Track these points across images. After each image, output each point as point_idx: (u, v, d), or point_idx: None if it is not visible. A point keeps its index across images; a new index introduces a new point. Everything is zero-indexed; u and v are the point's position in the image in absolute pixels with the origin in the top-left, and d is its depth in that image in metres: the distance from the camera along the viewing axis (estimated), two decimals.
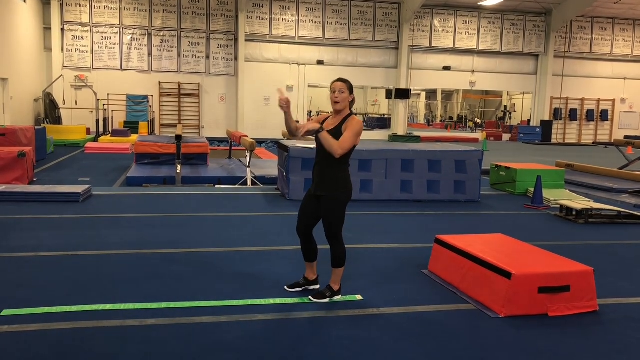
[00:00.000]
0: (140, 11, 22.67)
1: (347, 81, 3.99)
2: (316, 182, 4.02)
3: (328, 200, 3.94)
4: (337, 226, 3.99)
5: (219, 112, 23.85)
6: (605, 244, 6.27)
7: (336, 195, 3.93)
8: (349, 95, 3.94)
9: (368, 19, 24.85)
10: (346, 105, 3.95)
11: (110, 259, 5.08)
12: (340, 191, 3.94)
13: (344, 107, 3.95)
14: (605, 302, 4.24)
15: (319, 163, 4.00)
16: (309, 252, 4.18)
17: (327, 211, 3.96)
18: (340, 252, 4.03)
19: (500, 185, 10.04)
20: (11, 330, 3.44)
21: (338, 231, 4.00)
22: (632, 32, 27.81)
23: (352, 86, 3.99)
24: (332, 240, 4.02)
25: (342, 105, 3.93)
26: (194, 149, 12.12)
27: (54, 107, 21.08)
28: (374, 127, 30.17)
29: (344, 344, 3.41)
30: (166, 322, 3.64)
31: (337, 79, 3.99)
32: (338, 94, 3.92)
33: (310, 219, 4.09)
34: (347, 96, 3.93)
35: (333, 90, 3.94)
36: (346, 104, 3.94)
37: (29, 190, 7.93)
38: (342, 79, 4.00)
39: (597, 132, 28.73)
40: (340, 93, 3.92)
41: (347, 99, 3.94)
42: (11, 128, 11.59)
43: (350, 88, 3.96)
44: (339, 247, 4.03)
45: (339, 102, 3.93)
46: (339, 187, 3.94)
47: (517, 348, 3.45)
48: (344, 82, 3.95)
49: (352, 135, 3.83)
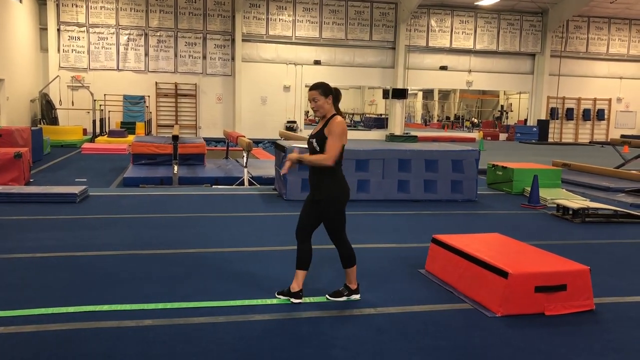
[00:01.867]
0: (137, 11, 22.62)
1: (320, 86, 3.94)
2: (312, 188, 4.04)
3: (326, 204, 3.95)
4: (340, 228, 4.00)
5: (216, 112, 23.83)
6: (602, 243, 6.29)
7: (333, 199, 3.94)
8: (324, 100, 3.93)
9: (365, 19, 24.85)
10: (327, 109, 3.95)
11: (107, 259, 5.07)
12: (336, 194, 3.95)
13: (326, 111, 3.96)
14: (602, 301, 4.25)
15: (311, 168, 4.01)
16: (302, 256, 4.03)
17: (327, 215, 3.97)
18: (347, 252, 4.05)
19: (497, 184, 10.05)
20: (7, 332, 3.44)
21: (341, 232, 4.02)
22: (628, 31, 27.89)
23: (326, 88, 3.94)
24: (337, 242, 4.04)
25: (321, 112, 3.97)
26: (191, 150, 12.10)
27: (51, 107, 21.03)
28: (371, 127, 30.17)
29: (342, 344, 3.41)
30: (163, 323, 3.64)
31: (310, 87, 3.98)
32: (313, 103, 3.95)
33: (309, 222, 4.06)
34: (323, 102, 3.92)
35: (309, 100, 3.99)
36: (325, 107, 3.94)
37: (26, 191, 7.91)
38: (314, 85, 3.96)
39: (593, 131, 28.79)
40: (315, 102, 3.93)
41: (324, 104, 3.93)
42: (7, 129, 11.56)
43: (324, 92, 3.92)
44: (346, 248, 4.04)
45: (317, 110, 3.97)
46: (335, 190, 3.95)
47: (514, 347, 3.46)
48: (315, 90, 3.93)
49: (335, 139, 3.85)
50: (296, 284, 4.05)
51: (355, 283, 4.15)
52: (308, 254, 4.04)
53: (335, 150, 3.86)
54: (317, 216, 4.02)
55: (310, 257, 4.06)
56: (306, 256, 4.04)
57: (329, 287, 4.30)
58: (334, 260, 4.83)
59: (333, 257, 4.88)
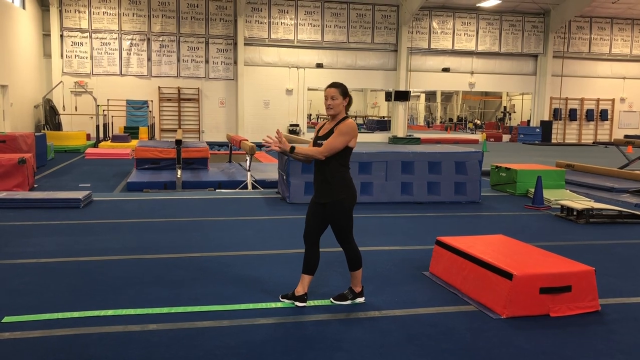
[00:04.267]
0: (139, 16, 22.71)
1: (340, 85, 3.94)
2: (317, 190, 3.99)
3: (333, 207, 3.91)
4: (347, 231, 3.97)
5: (219, 116, 23.87)
6: (607, 244, 6.27)
7: (340, 201, 3.90)
8: (342, 100, 3.91)
9: (366, 21, 24.88)
10: (340, 110, 3.93)
11: (112, 264, 5.08)
12: (343, 196, 3.90)
13: (338, 112, 3.94)
14: (607, 302, 4.24)
15: (319, 170, 3.97)
16: (309, 261, 4.02)
17: (334, 218, 3.94)
18: (354, 255, 4.02)
19: (501, 186, 10.03)
20: (13, 337, 3.44)
21: (349, 235, 3.98)
22: (631, 31, 27.84)
23: (345, 90, 3.94)
24: (344, 244, 4.01)
25: (335, 111, 3.93)
26: (194, 154, 12.12)
27: (54, 113, 21.11)
28: (373, 129, 30.18)
29: (347, 347, 3.41)
30: (168, 327, 3.64)
31: (329, 85, 3.96)
32: (330, 100, 3.91)
33: (316, 226, 4.02)
34: (341, 102, 3.91)
35: (326, 97, 3.94)
36: (340, 109, 3.92)
37: (30, 197, 7.93)
38: (334, 84, 3.96)
39: (597, 131, 28.73)
40: (333, 100, 3.90)
41: (341, 104, 3.91)
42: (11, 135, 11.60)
43: (343, 92, 3.92)
44: (352, 250, 4.02)
45: (332, 109, 3.93)
46: (342, 192, 3.90)
47: (519, 349, 3.45)
48: (336, 88, 3.91)
49: (339, 138, 3.81)
50: (301, 287, 4.04)
51: (360, 286, 4.14)
52: (315, 259, 4.02)
53: (332, 147, 3.81)
54: (323, 219, 3.99)
55: (317, 262, 4.04)
56: (313, 261, 4.02)
57: (334, 290, 4.29)
58: (339, 263, 4.83)
59: (338, 261, 4.89)
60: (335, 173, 3.90)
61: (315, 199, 4.03)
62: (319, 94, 29.49)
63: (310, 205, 4.09)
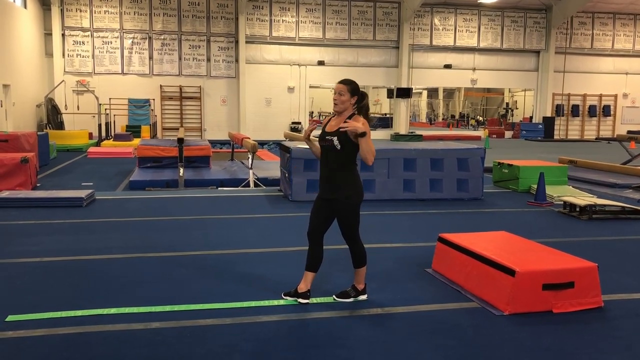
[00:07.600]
0: (141, 15, 22.70)
1: (350, 83, 3.92)
2: (326, 186, 3.95)
3: (341, 204, 3.89)
4: (354, 228, 3.97)
5: (221, 114, 23.87)
6: (609, 240, 6.26)
7: (349, 198, 3.88)
8: (349, 97, 3.89)
9: (368, 18, 24.84)
10: (347, 107, 3.91)
11: (114, 262, 5.09)
12: (352, 193, 3.89)
13: (344, 109, 3.92)
14: (610, 298, 4.23)
15: (328, 166, 3.92)
16: (313, 258, 4.03)
17: (342, 215, 3.92)
18: (360, 252, 4.03)
19: (503, 182, 10.02)
20: (16, 336, 3.45)
21: (355, 232, 3.98)
22: (633, 27, 27.74)
23: (355, 88, 3.91)
24: (350, 241, 4.01)
25: (340, 107, 3.91)
26: (196, 152, 12.13)
27: (56, 112, 21.14)
28: (375, 126, 30.07)
29: (349, 345, 3.41)
30: (171, 325, 3.64)
31: (340, 80, 3.95)
32: (337, 96, 3.90)
33: (322, 223, 4.01)
34: (348, 99, 3.89)
35: (334, 91, 3.95)
36: (346, 105, 3.90)
37: (33, 196, 7.95)
38: (345, 80, 3.95)
39: (599, 127, 28.65)
40: (340, 96, 3.89)
41: (347, 102, 3.89)
42: (14, 134, 11.61)
43: (352, 90, 3.89)
44: (358, 247, 4.02)
45: (337, 104, 3.92)
46: (351, 189, 3.89)
47: (522, 345, 3.45)
48: (345, 85, 3.90)
49: (368, 138, 3.77)
50: (304, 284, 4.04)
51: (363, 283, 4.14)
52: (319, 256, 4.03)
53: (373, 149, 3.80)
54: (329, 216, 3.98)
55: (321, 259, 4.04)
56: (317, 259, 4.02)
57: (337, 288, 4.29)
58: (342, 261, 4.83)
59: (341, 258, 4.89)
60: (348, 169, 3.89)
61: (321, 195, 4.01)
62: (320, 91, 29.58)
63: (315, 201, 4.08)
